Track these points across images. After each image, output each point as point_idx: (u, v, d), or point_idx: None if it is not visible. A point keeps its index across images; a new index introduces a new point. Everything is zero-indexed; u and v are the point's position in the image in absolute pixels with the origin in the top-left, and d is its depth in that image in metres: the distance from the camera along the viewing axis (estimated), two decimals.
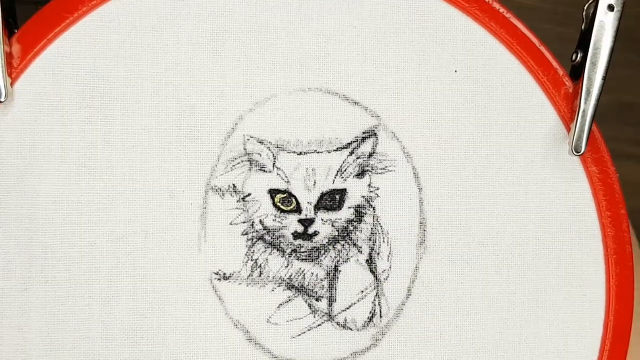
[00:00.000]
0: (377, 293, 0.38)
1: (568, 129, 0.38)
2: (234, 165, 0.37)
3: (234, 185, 0.37)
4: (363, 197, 0.37)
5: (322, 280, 0.37)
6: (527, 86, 0.38)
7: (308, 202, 0.37)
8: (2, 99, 0.35)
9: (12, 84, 0.35)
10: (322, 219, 0.37)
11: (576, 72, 0.38)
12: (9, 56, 0.35)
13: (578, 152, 0.38)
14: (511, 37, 0.38)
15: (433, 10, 0.38)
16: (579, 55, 0.38)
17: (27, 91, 0.36)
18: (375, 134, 0.37)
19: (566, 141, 0.38)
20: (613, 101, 0.72)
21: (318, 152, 0.37)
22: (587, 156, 0.39)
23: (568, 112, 0.38)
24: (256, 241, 0.37)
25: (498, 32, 0.38)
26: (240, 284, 0.37)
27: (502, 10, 0.38)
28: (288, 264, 0.37)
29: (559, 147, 0.39)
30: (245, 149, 0.37)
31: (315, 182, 0.37)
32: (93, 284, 0.36)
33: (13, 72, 0.35)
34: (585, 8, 0.38)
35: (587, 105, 0.37)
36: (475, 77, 0.38)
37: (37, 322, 0.36)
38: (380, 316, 0.38)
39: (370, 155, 0.37)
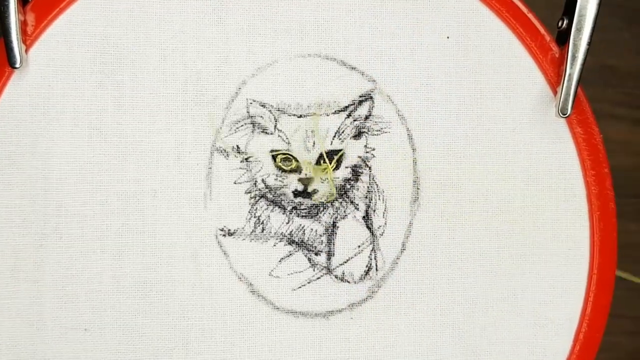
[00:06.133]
0: (373, 248, 0.40)
1: (554, 92, 0.40)
2: (237, 128, 0.39)
3: (237, 146, 0.39)
4: (360, 157, 0.39)
5: (321, 235, 0.39)
6: (516, 52, 0.40)
7: (308, 162, 0.39)
8: (17, 65, 0.37)
9: (26, 51, 0.37)
10: (320, 178, 0.39)
11: (562, 38, 0.40)
12: (23, 24, 0.37)
13: (564, 115, 0.39)
14: (500, 5, 0.40)
15: None
16: (564, 22, 0.39)
17: (41, 58, 0.37)
18: (371, 98, 0.39)
19: (553, 104, 0.40)
20: (596, 64, 0.74)
21: (317, 115, 0.39)
22: (573, 118, 0.40)
23: (555, 76, 0.40)
24: (259, 199, 0.39)
25: (488, 0, 0.40)
26: (244, 239, 0.39)
27: None
28: (289, 221, 0.39)
29: (546, 110, 0.40)
30: (248, 112, 0.39)
31: (314, 143, 0.39)
32: (105, 240, 0.38)
33: (27, 39, 0.37)
34: None
35: (573, 70, 0.39)
36: (467, 43, 0.40)
37: (52, 276, 0.38)
38: (376, 270, 0.40)
39: (366, 117, 0.39)
